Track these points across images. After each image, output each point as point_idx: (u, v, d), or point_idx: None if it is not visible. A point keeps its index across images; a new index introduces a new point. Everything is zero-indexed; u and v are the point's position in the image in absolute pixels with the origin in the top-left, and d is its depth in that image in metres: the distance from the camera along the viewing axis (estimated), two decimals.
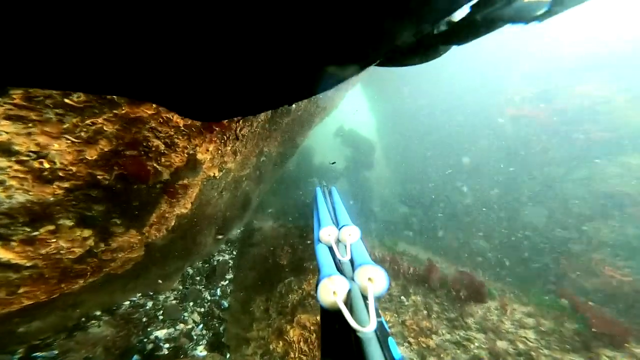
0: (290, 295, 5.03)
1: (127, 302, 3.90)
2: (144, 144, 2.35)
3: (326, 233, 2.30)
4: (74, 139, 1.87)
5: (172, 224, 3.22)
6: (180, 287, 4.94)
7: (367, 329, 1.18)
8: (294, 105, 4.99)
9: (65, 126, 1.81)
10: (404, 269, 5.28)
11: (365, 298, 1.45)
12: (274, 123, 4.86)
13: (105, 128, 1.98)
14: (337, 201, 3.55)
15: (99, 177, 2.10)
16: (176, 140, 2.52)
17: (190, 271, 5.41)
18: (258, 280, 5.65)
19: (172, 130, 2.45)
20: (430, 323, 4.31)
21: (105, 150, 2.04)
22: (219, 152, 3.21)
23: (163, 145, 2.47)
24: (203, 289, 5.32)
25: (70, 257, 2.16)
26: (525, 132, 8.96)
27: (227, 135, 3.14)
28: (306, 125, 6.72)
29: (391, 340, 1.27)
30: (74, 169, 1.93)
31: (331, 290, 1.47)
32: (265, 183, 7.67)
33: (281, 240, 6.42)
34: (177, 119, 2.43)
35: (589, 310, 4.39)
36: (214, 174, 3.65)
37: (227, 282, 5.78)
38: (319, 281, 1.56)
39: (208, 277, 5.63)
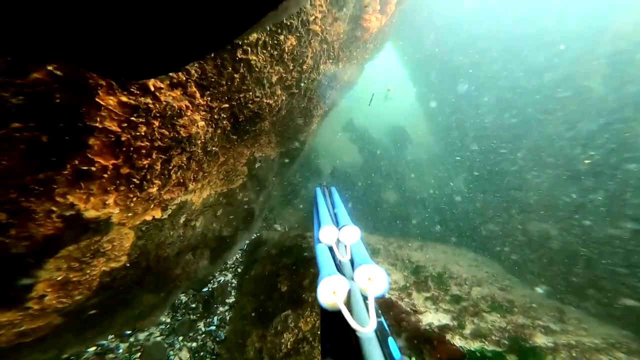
0: (285, 335, 4.25)
1: (92, 349, 3.54)
2: None
3: (326, 233, 2.25)
4: None
5: (96, 283, 2.59)
6: (169, 320, 4.53)
7: (367, 329, 1.17)
8: (269, 103, 3.92)
9: None
10: None
11: (365, 298, 1.44)
12: (245, 132, 3.89)
13: None
14: (337, 201, 3.39)
15: None
16: (25, 204, 1.75)
17: (184, 299, 4.99)
18: (257, 309, 5.01)
19: (9, 192, 1.68)
20: None
21: None
22: (136, 199, 2.40)
23: (4, 215, 1.72)
24: (198, 319, 4.88)
25: None
26: None
27: (141, 176, 2.29)
28: (305, 120, 5.60)
29: (391, 341, 1.26)
30: None
31: (331, 290, 1.46)
32: (269, 188, 6.88)
33: (284, 258, 5.63)
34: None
35: None
36: (154, 216, 2.90)
37: (227, 307, 5.27)
38: (319, 281, 1.55)
39: (205, 303, 5.17)
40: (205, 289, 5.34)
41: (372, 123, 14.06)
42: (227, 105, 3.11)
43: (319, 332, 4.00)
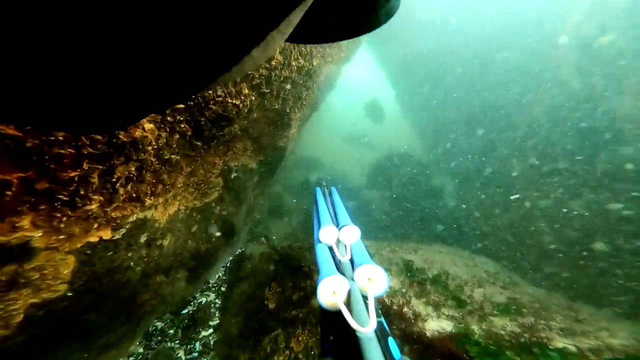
0: (275, 358, 3.81)
1: None
2: None
3: (326, 233, 2.23)
4: None
5: (18, 319, 2.16)
6: (141, 350, 4.04)
7: (367, 329, 1.16)
8: (236, 104, 3.57)
9: None
10: None
11: (365, 298, 1.43)
12: (212, 137, 3.53)
13: None
14: (337, 201, 3.35)
15: None
16: None
17: (159, 325, 4.50)
18: (243, 330, 4.55)
19: None
20: None
21: None
22: (67, 219, 2.01)
23: None
24: (177, 346, 4.39)
25: None
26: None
27: (71, 191, 1.91)
28: (281, 124, 5.26)
29: (391, 340, 1.26)
30: None
31: (331, 290, 1.45)
32: (250, 200, 6.47)
33: (271, 273, 5.20)
34: None
35: None
36: (102, 237, 2.50)
37: (210, 330, 4.79)
38: (319, 281, 1.53)
39: (185, 328, 4.69)
40: (185, 312, 4.87)
41: None
42: (182, 106, 2.76)
43: (312, 352, 3.59)
